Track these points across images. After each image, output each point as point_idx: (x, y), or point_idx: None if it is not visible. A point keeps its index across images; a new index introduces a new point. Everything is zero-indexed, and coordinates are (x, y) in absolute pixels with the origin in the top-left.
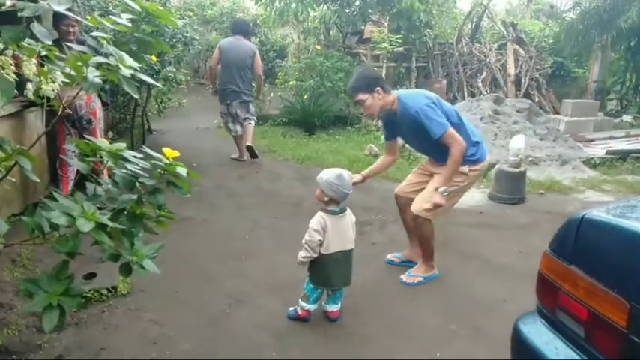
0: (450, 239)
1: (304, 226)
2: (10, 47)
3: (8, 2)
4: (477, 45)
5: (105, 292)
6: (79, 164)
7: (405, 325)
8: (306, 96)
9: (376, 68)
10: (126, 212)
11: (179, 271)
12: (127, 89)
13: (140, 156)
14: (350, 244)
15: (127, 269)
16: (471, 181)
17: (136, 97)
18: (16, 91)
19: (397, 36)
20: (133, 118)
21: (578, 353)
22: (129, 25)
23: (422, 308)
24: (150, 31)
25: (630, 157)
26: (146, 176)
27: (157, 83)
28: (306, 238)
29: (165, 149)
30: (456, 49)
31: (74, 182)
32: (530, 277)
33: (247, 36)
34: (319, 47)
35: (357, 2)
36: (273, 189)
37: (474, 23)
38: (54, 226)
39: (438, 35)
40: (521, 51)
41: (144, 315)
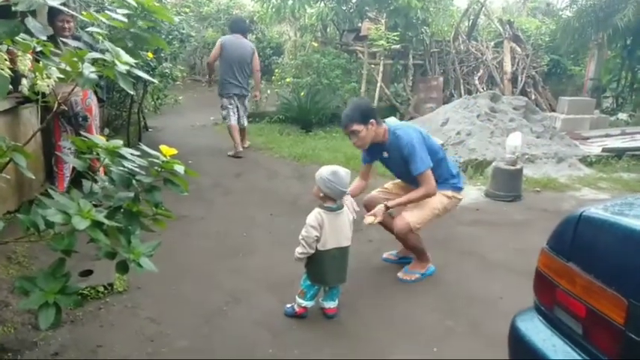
0: (447, 236)
1: (301, 223)
2: (4, 42)
3: None
4: (474, 42)
5: (101, 289)
6: (75, 161)
7: (402, 322)
8: (303, 93)
9: (373, 66)
10: (122, 210)
11: (176, 268)
12: (122, 85)
13: (137, 153)
14: (346, 241)
15: (123, 267)
16: (449, 206)
17: (132, 93)
18: (10, 86)
19: (394, 33)
20: (129, 114)
21: (577, 351)
22: (125, 20)
23: (419, 305)
24: (146, 27)
25: (626, 154)
26: (143, 174)
27: (154, 80)
28: (303, 233)
29: (163, 146)
30: (453, 47)
31: (70, 179)
32: (526, 274)
33: (245, 34)
34: (316, 44)
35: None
36: (270, 186)
37: (471, 21)
38: (49, 224)
39: (435, 33)
40: (518, 49)
41: (140, 313)
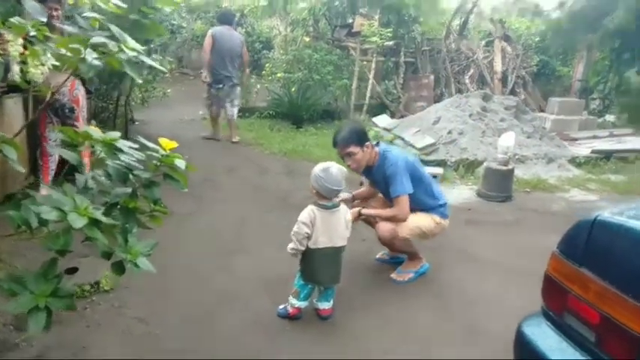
0: (440, 236)
1: (293, 220)
2: None
3: None
4: (465, 41)
5: (87, 287)
6: (68, 154)
7: (398, 324)
8: (294, 88)
9: (364, 62)
10: (119, 206)
11: (165, 267)
12: (130, 73)
13: (135, 146)
14: (341, 241)
15: (119, 268)
16: (436, 230)
17: (140, 81)
18: None
19: (388, 30)
20: (117, 107)
21: (588, 359)
22: (124, 5)
23: (415, 306)
24: (147, 13)
25: (614, 156)
26: (141, 168)
27: (162, 67)
28: (294, 229)
29: (162, 139)
30: (444, 45)
31: (55, 172)
32: (519, 274)
33: (234, 26)
34: (308, 39)
35: None
36: (261, 182)
37: (463, 19)
38: (43, 222)
39: (426, 31)
40: (509, 48)
41: (128, 312)
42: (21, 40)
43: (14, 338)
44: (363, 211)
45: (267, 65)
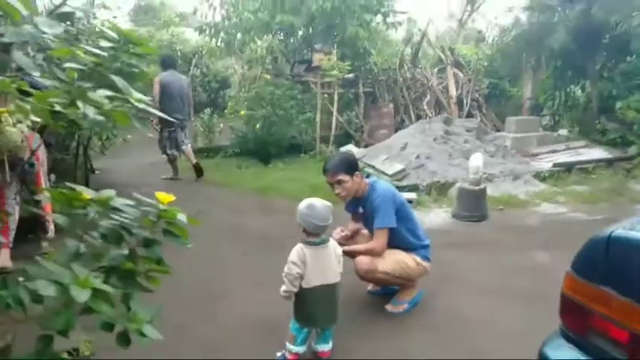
0: None
1: (277, 259)
2: None
3: None
4: (419, 69)
5: (65, 356)
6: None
7: (399, 357)
8: (258, 125)
9: (326, 95)
10: (118, 271)
11: None
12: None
13: (131, 203)
14: (334, 277)
15: (125, 339)
16: (414, 272)
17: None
18: None
19: (346, 63)
20: (77, 157)
21: None
22: (105, 55)
23: (416, 340)
24: (132, 61)
25: (575, 168)
26: (135, 226)
27: (166, 116)
28: (285, 270)
29: (159, 193)
30: (399, 74)
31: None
32: (511, 294)
33: (176, 68)
34: (268, 76)
35: (301, 32)
36: (237, 222)
37: (414, 49)
38: (37, 298)
39: (381, 62)
40: (460, 74)
41: None
42: None
43: None
44: (344, 248)
45: (229, 104)
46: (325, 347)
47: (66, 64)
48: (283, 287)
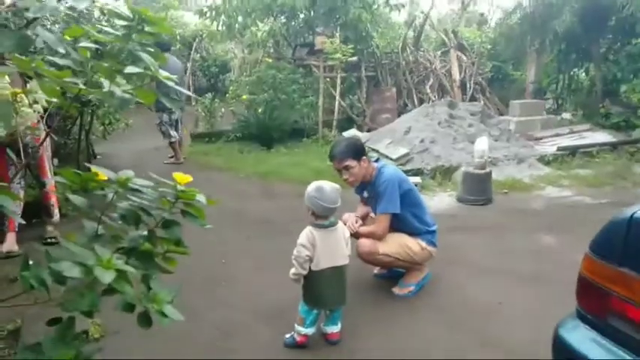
0: None
1: (280, 244)
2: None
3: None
4: (422, 53)
5: None
6: (76, 198)
7: (410, 341)
8: (260, 110)
9: (328, 79)
10: (138, 252)
11: None
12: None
13: (150, 184)
14: (343, 259)
15: (146, 319)
16: (419, 256)
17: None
18: None
19: (349, 46)
20: (79, 142)
21: None
22: (119, 34)
23: (422, 321)
24: (148, 41)
25: (578, 152)
26: (154, 207)
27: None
28: (294, 253)
29: (177, 174)
30: (402, 58)
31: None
32: (516, 276)
33: (172, 53)
34: (270, 60)
35: (302, 15)
36: (240, 207)
37: (417, 32)
38: (60, 280)
39: (384, 45)
40: (464, 57)
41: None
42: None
43: None
44: (357, 227)
45: (230, 88)
46: (334, 329)
47: (81, 44)
48: (292, 270)
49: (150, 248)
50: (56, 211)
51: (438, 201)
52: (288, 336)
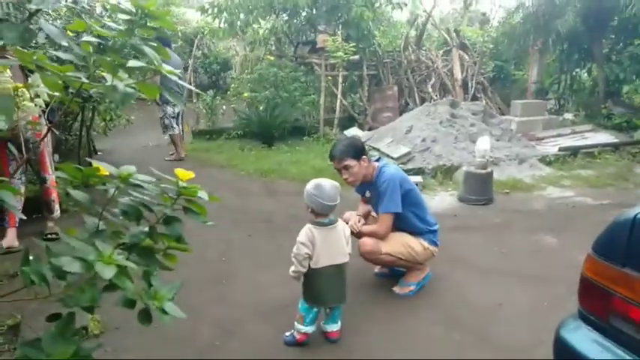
0: None
1: (281, 241)
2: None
3: None
4: (424, 52)
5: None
6: (79, 194)
7: (409, 340)
8: (262, 107)
9: (330, 77)
10: (138, 248)
11: None
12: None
13: (152, 179)
14: (343, 257)
15: (147, 316)
16: (421, 256)
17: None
18: None
19: (351, 45)
20: (80, 138)
21: None
22: (121, 29)
23: (422, 320)
24: (150, 36)
25: (580, 152)
26: (155, 203)
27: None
28: (294, 251)
29: (179, 170)
30: (404, 57)
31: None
32: (517, 276)
33: (171, 48)
34: (272, 58)
35: (304, 13)
36: (241, 205)
37: (419, 31)
38: (61, 275)
39: (386, 44)
40: (466, 56)
41: (123, 356)
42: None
43: None
44: (357, 225)
45: (232, 85)
46: (334, 327)
47: (83, 39)
48: (292, 268)
49: (151, 244)
50: (57, 207)
51: (439, 200)
52: (288, 334)
